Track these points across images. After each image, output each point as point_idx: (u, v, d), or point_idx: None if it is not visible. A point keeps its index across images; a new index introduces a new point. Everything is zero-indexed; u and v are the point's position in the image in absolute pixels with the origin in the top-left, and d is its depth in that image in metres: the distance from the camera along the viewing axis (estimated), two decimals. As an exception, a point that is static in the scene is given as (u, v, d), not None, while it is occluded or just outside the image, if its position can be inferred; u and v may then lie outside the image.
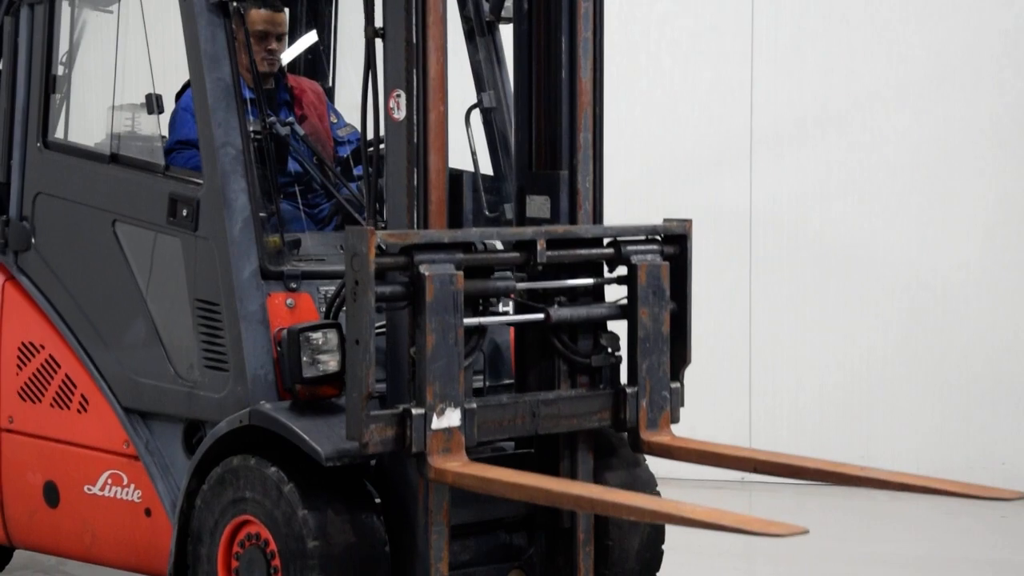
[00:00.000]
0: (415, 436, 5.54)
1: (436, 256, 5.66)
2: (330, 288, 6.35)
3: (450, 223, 6.28)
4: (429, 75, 5.88)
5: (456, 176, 6.71)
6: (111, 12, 7.28)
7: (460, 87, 6.66)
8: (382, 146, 6.17)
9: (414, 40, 5.87)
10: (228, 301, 6.29)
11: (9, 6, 7.32)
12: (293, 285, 6.38)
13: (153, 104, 6.90)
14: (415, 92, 5.86)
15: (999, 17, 11.00)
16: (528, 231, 6.13)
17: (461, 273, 5.68)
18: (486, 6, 7.37)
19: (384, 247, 5.50)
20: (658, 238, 6.45)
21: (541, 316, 6.08)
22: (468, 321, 5.76)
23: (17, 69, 7.37)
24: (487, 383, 6.64)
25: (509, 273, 6.09)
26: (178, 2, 6.52)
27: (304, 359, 6.00)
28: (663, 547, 6.80)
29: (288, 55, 7.37)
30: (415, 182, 5.90)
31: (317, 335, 6.07)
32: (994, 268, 10.87)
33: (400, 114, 5.90)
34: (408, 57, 5.88)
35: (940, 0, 11.19)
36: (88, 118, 7.36)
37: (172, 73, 6.92)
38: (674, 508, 5.13)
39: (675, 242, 6.48)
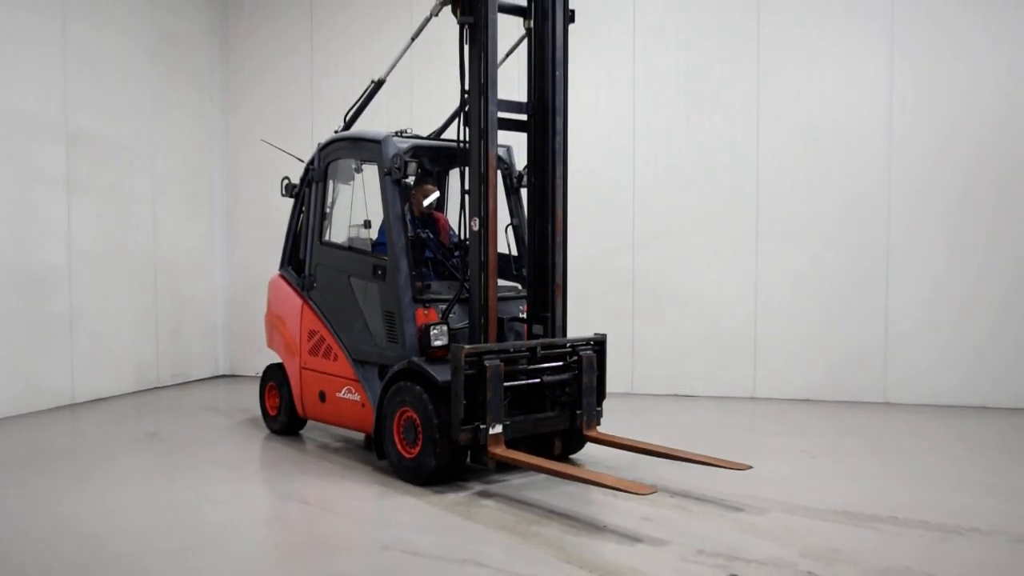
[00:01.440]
0: (481, 437, 6.01)
1: (491, 356, 6.07)
2: (443, 306, 6.61)
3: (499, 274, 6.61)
4: (489, 210, 6.22)
5: (503, 256, 7.10)
6: (350, 185, 7.63)
7: (503, 214, 6.83)
8: (467, 242, 6.42)
9: (482, 194, 6.21)
10: (399, 312, 6.58)
11: (309, 184, 7.63)
12: (427, 304, 6.61)
13: (366, 224, 7.37)
14: (483, 217, 6.21)
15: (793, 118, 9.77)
16: (534, 343, 6.48)
17: (502, 363, 6.10)
18: (514, 180, 7.41)
19: (468, 352, 5.95)
20: (591, 342, 6.70)
21: (539, 380, 6.44)
22: (506, 384, 6.14)
23: (311, 209, 7.60)
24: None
25: (525, 362, 6.40)
26: (379, 180, 6.85)
27: (431, 338, 6.30)
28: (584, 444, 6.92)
29: (428, 200, 7.20)
30: (482, 259, 6.24)
31: (437, 328, 6.34)
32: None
33: (476, 228, 6.25)
34: (480, 202, 6.22)
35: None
36: (339, 230, 7.59)
37: (376, 210, 7.09)
38: (589, 474, 5.69)
39: (599, 343, 6.75)
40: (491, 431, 6.03)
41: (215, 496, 6.10)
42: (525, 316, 6.90)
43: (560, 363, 6.59)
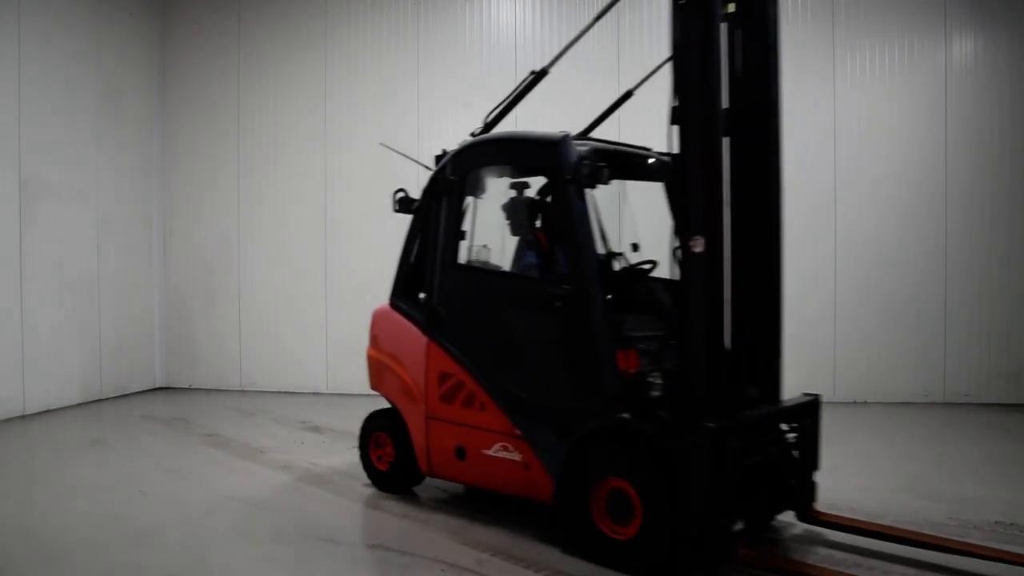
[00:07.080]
0: (726, 536, 4.09)
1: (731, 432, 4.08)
2: (642, 345, 4.63)
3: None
4: (717, 229, 4.15)
5: None
6: (482, 199, 5.45)
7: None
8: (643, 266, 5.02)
9: (710, 208, 4.11)
10: (594, 354, 4.52)
11: (436, 197, 5.47)
12: (625, 344, 4.61)
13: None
14: (708, 237, 4.10)
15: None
16: (766, 410, 4.59)
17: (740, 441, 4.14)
18: None
19: (714, 431, 4.01)
20: (807, 405, 4.80)
21: (765, 456, 4.49)
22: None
23: (440, 227, 5.41)
24: None
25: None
26: (552, 190, 5.33)
27: (649, 389, 4.35)
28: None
29: None
30: (710, 290, 4.12)
31: (654, 375, 4.36)
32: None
33: (699, 249, 4.08)
34: (705, 218, 4.13)
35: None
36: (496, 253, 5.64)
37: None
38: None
39: (814, 405, 4.81)
40: (736, 527, 4.11)
41: (154, 493, 5.87)
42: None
43: (778, 433, 4.65)
